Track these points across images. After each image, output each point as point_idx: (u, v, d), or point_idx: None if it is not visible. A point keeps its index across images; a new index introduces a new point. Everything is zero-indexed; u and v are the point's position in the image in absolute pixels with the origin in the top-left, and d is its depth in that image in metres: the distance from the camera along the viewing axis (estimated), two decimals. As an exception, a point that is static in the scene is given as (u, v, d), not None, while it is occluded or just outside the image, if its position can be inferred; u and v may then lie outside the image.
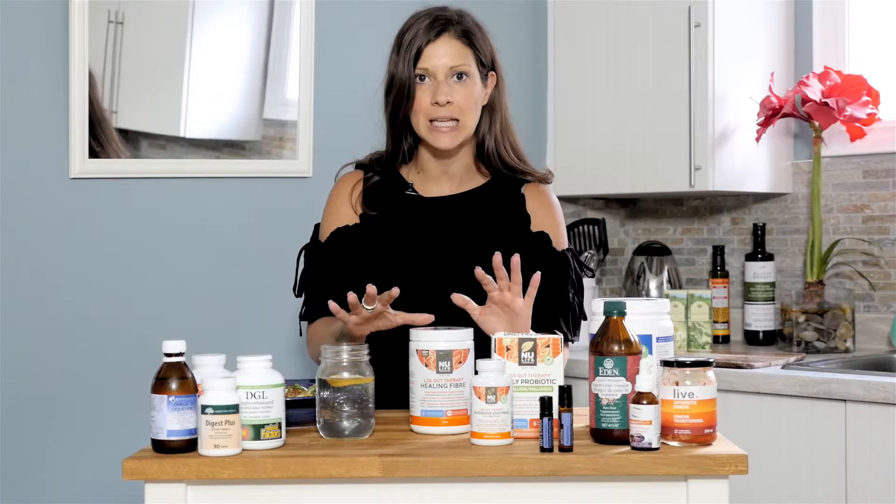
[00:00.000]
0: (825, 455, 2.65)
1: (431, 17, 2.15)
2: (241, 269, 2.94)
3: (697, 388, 1.65)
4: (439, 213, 2.20)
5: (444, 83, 2.12)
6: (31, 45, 2.61)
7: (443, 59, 2.12)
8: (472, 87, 2.14)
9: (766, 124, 3.18)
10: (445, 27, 2.14)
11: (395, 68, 2.15)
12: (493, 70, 2.20)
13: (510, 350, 1.77)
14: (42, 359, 2.62)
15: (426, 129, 2.14)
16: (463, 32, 2.15)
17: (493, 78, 2.21)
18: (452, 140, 2.14)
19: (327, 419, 1.75)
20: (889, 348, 3.17)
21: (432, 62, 2.12)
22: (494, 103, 2.21)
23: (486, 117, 2.20)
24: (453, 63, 2.13)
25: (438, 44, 2.13)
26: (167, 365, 1.66)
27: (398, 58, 2.14)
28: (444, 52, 2.13)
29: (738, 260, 3.51)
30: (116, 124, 2.71)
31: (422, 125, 2.15)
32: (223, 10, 2.89)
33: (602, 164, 3.42)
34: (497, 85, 2.21)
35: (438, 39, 2.13)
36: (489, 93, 2.20)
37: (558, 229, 2.24)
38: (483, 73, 2.18)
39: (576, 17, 3.47)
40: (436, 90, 2.12)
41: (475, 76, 2.15)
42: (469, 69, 2.14)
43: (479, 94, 2.17)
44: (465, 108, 2.13)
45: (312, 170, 3.00)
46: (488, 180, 2.24)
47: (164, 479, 1.62)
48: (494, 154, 2.21)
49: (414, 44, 2.13)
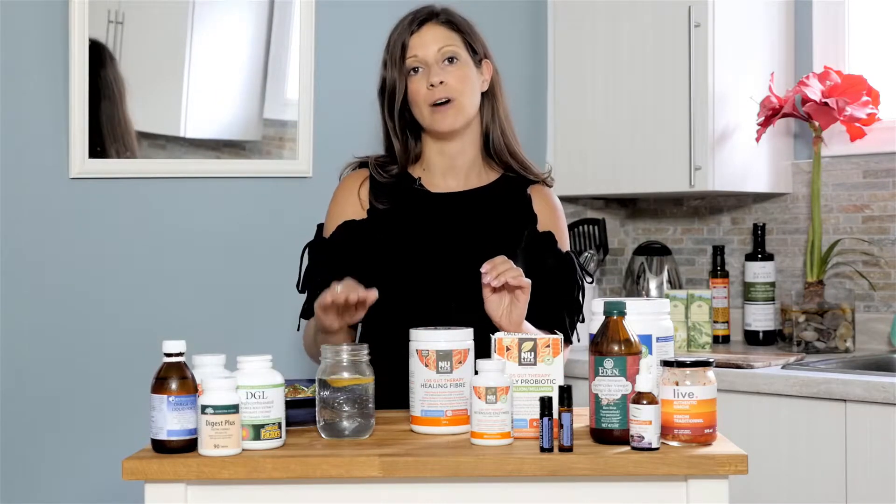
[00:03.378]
0: (825, 455, 2.65)
1: (413, 13, 2.20)
2: (241, 268, 2.94)
3: (697, 388, 1.65)
4: (446, 208, 2.20)
5: (436, 66, 2.15)
6: (31, 45, 2.61)
7: (429, 44, 2.16)
8: (464, 69, 2.17)
9: (766, 124, 3.18)
10: (428, 18, 2.19)
11: (384, 68, 2.20)
12: (487, 59, 2.23)
13: (510, 350, 1.77)
14: (42, 359, 2.62)
15: (429, 115, 2.16)
16: (447, 21, 2.20)
17: (489, 66, 2.23)
18: (453, 121, 2.16)
19: (327, 419, 1.75)
20: (889, 348, 3.17)
21: (420, 50, 2.16)
22: (495, 92, 2.24)
23: (487, 105, 2.23)
24: (440, 45, 2.16)
25: (423, 32, 2.17)
26: (167, 365, 1.66)
27: (387, 56, 2.19)
28: (430, 37, 2.17)
29: (738, 260, 3.51)
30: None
31: (424, 113, 2.17)
32: (223, 10, 2.89)
33: (602, 164, 3.42)
34: (494, 76, 2.24)
35: (422, 29, 2.18)
36: (487, 80, 2.23)
37: (562, 232, 2.26)
38: (475, 59, 2.20)
39: (576, 17, 3.47)
40: (428, 75, 2.15)
41: (467, 59, 2.18)
42: (458, 51, 2.17)
43: (475, 77, 2.19)
44: (459, 87, 2.16)
45: (312, 170, 3.00)
46: (495, 179, 2.25)
47: (164, 479, 1.62)
48: (501, 143, 2.23)
49: (399, 40, 2.17)
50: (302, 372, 2.85)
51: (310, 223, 2.31)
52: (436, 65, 2.15)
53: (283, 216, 2.98)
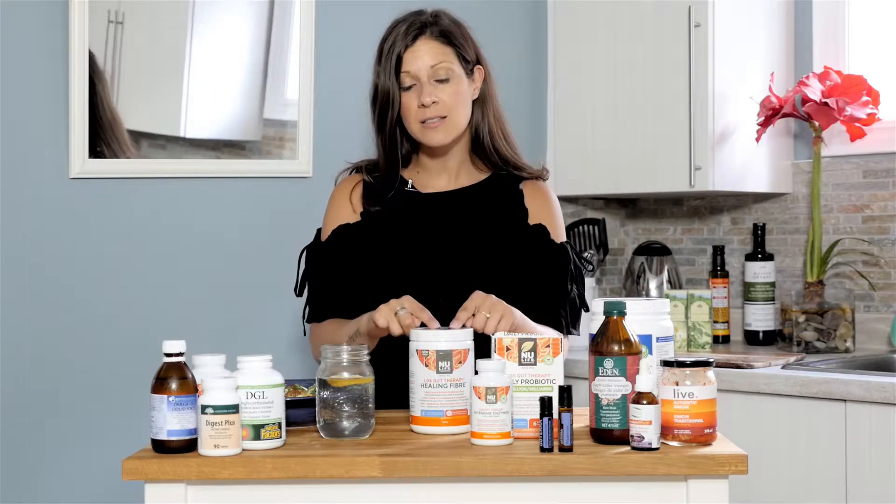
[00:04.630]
0: (825, 455, 2.65)
1: (407, 23, 2.18)
2: (241, 268, 2.94)
3: (697, 388, 1.65)
4: (438, 207, 2.21)
5: (428, 84, 2.15)
6: (31, 45, 2.61)
7: (423, 60, 2.15)
8: (456, 86, 2.17)
9: (766, 124, 3.18)
10: (422, 30, 2.17)
11: (378, 78, 2.19)
12: (479, 64, 2.23)
13: (510, 350, 1.77)
14: (42, 358, 2.62)
15: (419, 130, 2.18)
16: (440, 32, 2.18)
17: (480, 72, 2.23)
18: (445, 136, 2.17)
19: (327, 419, 1.75)
20: (889, 348, 3.17)
21: (413, 66, 2.15)
22: (485, 97, 2.24)
23: (479, 110, 2.24)
24: (434, 62, 2.16)
25: (417, 47, 2.16)
26: (167, 365, 1.66)
27: (380, 67, 2.18)
28: (424, 53, 2.16)
29: (738, 260, 3.51)
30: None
31: (414, 128, 2.18)
32: (223, 10, 2.89)
33: (602, 164, 3.42)
34: (485, 79, 2.24)
35: (416, 43, 2.16)
36: (478, 87, 2.23)
37: (556, 222, 2.25)
38: (468, 68, 2.20)
39: (576, 17, 3.47)
40: (420, 93, 2.15)
41: (459, 74, 2.18)
42: (451, 68, 2.17)
43: (467, 90, 2.19)
44: (451, 105, 2.16)
45: (312, 170, 3.00)
46: (486, 177, 2.26)
47: (164, 479, 1.62)
48: (490, 145, 2.24)
49: (393, 51, 2.16)
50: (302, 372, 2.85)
51: (310, 223, 2.31)
52: (428, 83, 2.15)
53: (283, 216, 2.98)
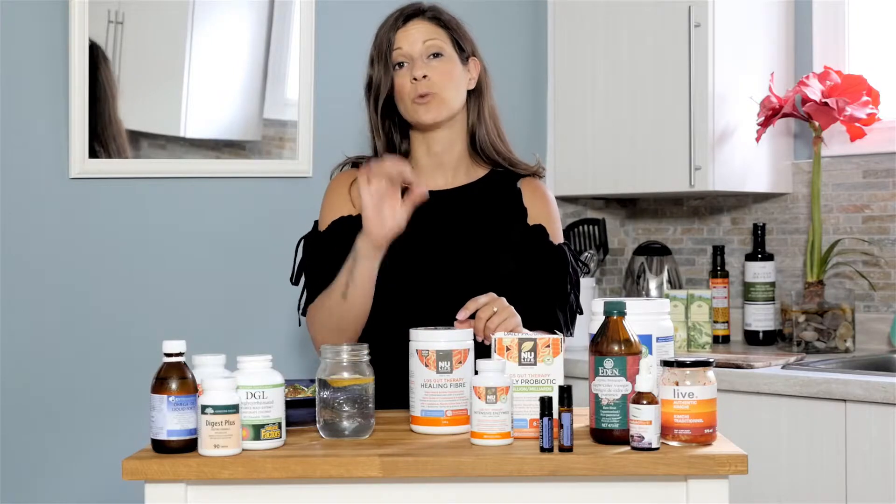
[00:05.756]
0: (825, 455, 2.65)
1: (400, 10, 2.22)
2: (241, 269, 2.94)
3: (697, 388, 1.65)
4: (436, 206, 2.20)
5: (420, 60, 2.16)
6: (32, 45, 2.61)
7: (414, 38, 2.17)
8: (448, 65, 2.18)
9: (766, 124, 3.18)
10: (414, 14, 2.20)
11: (371, 66, 2.21)
12: (475, 57, 2.24)
13: (510, 350, 1.77)
14: (42, 359, 2.62)
15: (412, 109, 2.17)
16: (433, 17, 2.21)
17: (476, 64, 2.24)
18: (437, 114, 2.17)
19: (327, 419, 1.75)
20: (889, 348, 3.17)
21: (404, 44, 2.17)
22: (481, 89, 2.24)
23: (474, 103, 2.24)
24: (425, 38, 2.17)
25: (409, 27, 2.19)
26: (167, 365, 1.66)
27: (374, 53, 2.21)
28: (415, 31, 2.18)
29: (738, 260, 3.51)
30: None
31: (408, 107, 2.18)
32: (223, 10, 2.89)
33: (602, 164, 3.42)
34: (481, 75, 2.24)
35: (408, 24, 2.19)
36: (474, 78, 2.23)
37: (554, 223, 2.25)
38: (462, 56, 2.21)
39: (576, 17, 3.47)
40: (412, 68, 2.16)
41: (452, 55, 2.19)
42: (443, 46, 2.18)
43: (460, 73, 2.20)
44: (442, 82, 2.16)
45: (312, 170, 3.00)
46: (484, 175, 2.26)
47: (164, 479, 1.62)
48: (487, 141, 2.24)
49: (385, 36, 2.19)
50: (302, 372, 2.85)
51: (310, 223, 2.31)
52: (420, 59, 2.16)
53: (283, 216, 2.97)
